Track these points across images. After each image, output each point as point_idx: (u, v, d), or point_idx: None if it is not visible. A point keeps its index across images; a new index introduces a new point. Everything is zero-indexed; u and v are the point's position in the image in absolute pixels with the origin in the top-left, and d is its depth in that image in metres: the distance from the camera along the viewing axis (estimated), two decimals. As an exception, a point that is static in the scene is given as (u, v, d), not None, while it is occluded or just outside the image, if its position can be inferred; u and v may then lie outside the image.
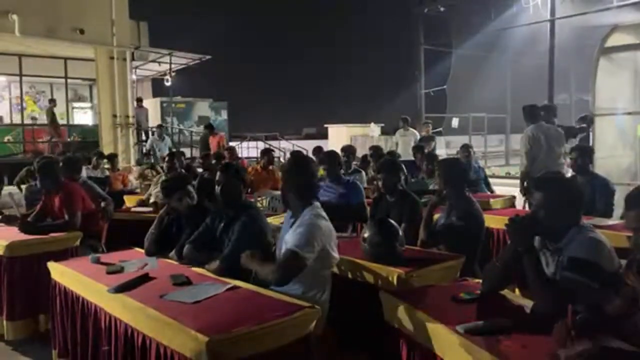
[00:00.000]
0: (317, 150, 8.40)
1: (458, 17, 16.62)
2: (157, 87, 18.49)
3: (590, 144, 6.77)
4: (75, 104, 15.93)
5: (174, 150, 9.34)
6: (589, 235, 2.10)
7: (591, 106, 7.18)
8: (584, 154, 4.56)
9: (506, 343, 1.77)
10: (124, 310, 2.38)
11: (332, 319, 2.61)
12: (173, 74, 16.20)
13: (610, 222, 3.77)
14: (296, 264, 2.44)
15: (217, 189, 3.06)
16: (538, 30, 13.91)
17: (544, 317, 1.93)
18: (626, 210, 1.79)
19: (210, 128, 12.22)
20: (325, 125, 20.03)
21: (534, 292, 2.13)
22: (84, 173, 5.41)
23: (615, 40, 7.08)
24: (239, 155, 9.96)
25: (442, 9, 15.93)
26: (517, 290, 2.65)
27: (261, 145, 14.49)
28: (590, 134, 7.18)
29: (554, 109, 6.52)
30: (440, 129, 16.35)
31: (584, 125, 7.39)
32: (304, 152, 8.64)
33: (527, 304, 2.19)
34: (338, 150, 5.45)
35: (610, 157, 7.00)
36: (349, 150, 6.23)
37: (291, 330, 2.10)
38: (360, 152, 7.89)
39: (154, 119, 15.91)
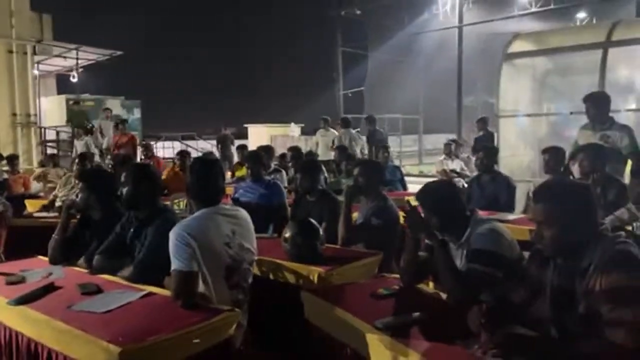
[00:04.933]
0: (241, 147, 8.48)
1: (374, 20, 17.13)
2: (63, 83, 17.33)
3: (495, 143, 7.35)
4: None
5: (84, 151, 8.78)
6: (485, 226, 2.28)
7: (495, 108, 7.72)
8: (490, 154, 4.88)
9: (422, 335, 1.84)
10: (26, 323, 2.21)
11: (252, 320, 2.58)
12: (80, 70, 15.31)
13: (513, 216, 4.04)
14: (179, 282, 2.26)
15: (122, 191, 2.82)
16: (448, 36, 14.68)
17: (458, 308, 2.02)
18: (534, 204, 1.85)
19: (122, 124, 10.49)
20: (245, 125, 19.82)
21: (444, 284, 2.25)
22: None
23: (516, 47, 7.63)
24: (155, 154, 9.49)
25: (358, 12, 16.31)
26: (430, 283, 2.76)
27: (177, 145, 14.02)
28: (495, 134, 7.77)
29: (373, 119, 9.82)
30: (358, 129, 16.72)
31: (482, 133, 8.56)
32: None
33: (442, 296, 2.29)
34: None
35: (513, 156, 7.55)
36: (266, 150, 6.20)
37: (210, 335, 2.04)
38: (279, 153, 7.92)
39: (59, 118, 14.95)
